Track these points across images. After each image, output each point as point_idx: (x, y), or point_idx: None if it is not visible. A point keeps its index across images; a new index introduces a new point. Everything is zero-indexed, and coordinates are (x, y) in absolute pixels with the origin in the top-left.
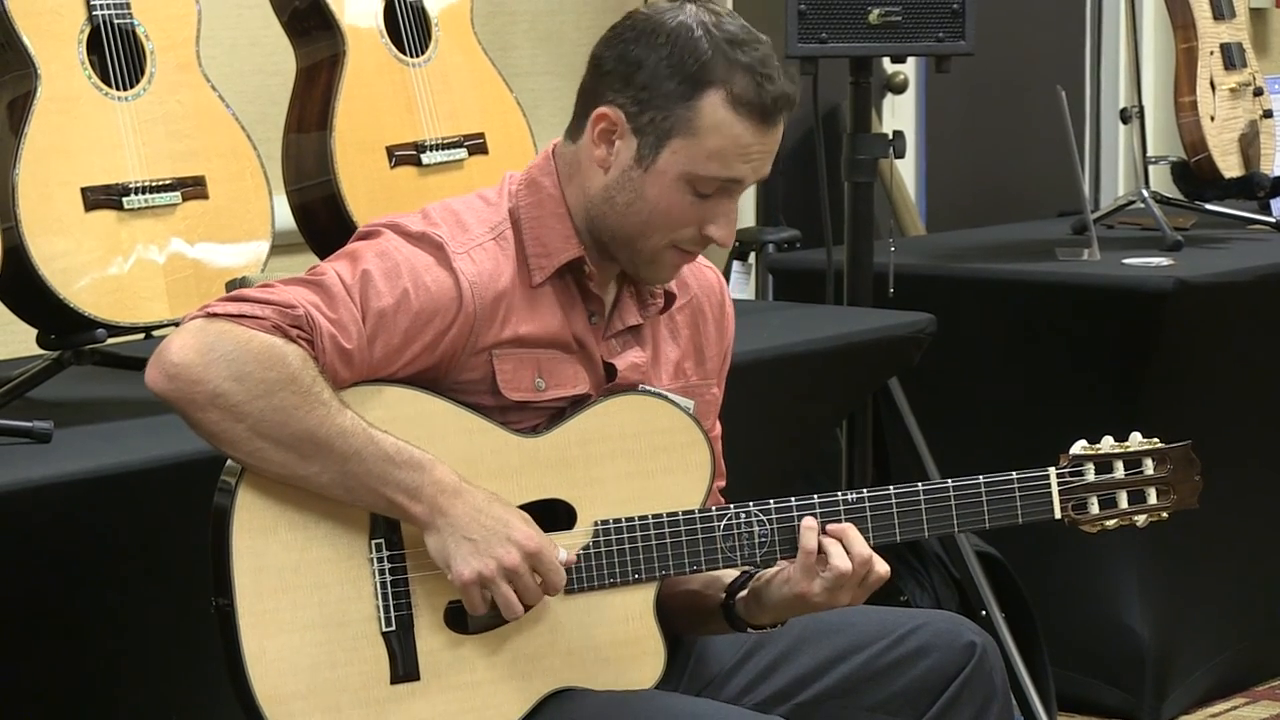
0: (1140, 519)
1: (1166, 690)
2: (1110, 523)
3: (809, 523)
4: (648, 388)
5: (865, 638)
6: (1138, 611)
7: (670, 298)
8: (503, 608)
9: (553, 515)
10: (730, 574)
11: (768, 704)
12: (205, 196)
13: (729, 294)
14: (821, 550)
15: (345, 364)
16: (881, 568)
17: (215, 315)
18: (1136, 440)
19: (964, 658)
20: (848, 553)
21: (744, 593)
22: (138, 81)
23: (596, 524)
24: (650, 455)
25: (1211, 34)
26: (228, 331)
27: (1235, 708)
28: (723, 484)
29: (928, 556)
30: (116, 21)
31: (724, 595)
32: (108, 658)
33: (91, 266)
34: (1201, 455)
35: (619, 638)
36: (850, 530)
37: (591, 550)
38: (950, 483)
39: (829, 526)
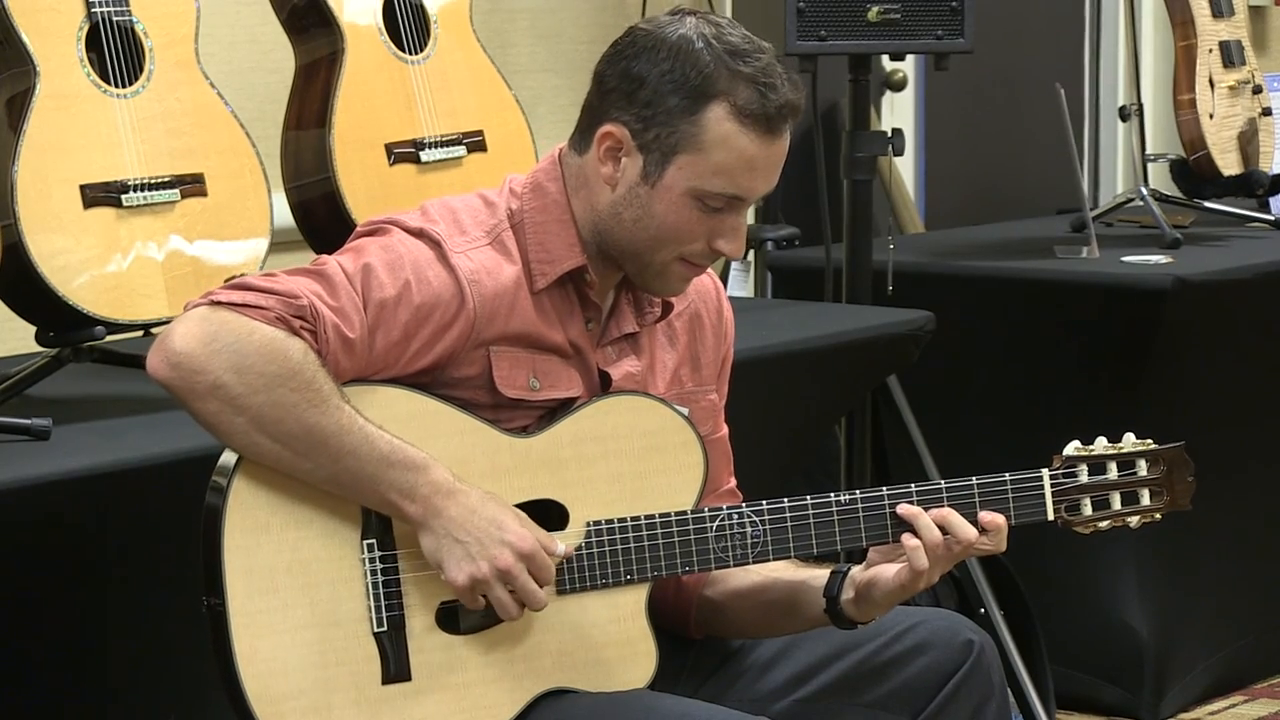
0: (1133, 520)
1: (1165, 688)
2: (1103, 524)
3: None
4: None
5: (863, 634)
6: (1136, 609)
7: (668, 306)
8: (498, 609)
9: (545, 516)
10: (818, 578)
11: (765, 700)
12: (204, 194)
13: (726, 299)
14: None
15: (348, 354)
16: (968, 532)
17: (219, 304)
18: (1130, 441)
19: (961, 656)
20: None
21: (850, 595)
22: (136, 79)
23: (589, 524)
24: (642, 455)
25: (1210, 32)
26: (230, 321)
27: (1234, 705)
28: (733, 482)
29: None
30: (115, 19)
31: (825, 603)
32: (106, 655)
33: (90, 264)
34: (1199, 453)
35: (611, 638)
36: (951, 515)
37: (584, 551)
38: (943, 484)
39: (931, 512)
